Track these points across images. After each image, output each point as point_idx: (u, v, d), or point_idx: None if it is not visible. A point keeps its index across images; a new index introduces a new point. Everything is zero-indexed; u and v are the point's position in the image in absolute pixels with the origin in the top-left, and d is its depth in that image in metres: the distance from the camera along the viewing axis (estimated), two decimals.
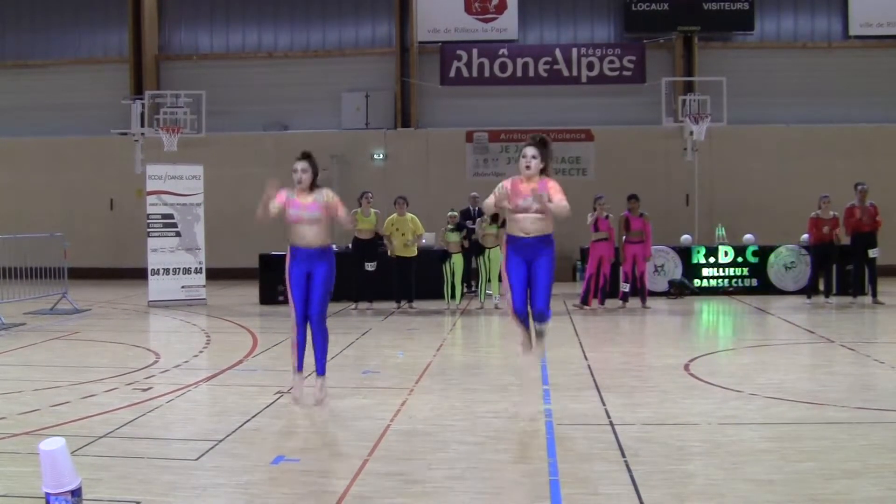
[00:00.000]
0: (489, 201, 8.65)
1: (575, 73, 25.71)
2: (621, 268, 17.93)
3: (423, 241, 18.14)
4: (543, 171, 8.68)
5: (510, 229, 8.56)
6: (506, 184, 8.59)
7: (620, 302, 17.95)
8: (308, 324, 9.16)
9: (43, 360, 12.02)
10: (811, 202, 18.74)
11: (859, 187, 17.95)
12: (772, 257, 20.12)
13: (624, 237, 17.83)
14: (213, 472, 6.66)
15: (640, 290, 17.88)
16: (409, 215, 17.69)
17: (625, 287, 17.95)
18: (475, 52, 25.87)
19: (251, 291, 19.89)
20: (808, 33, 25.97)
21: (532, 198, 8.29)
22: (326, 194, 9.27)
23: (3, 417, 8.37)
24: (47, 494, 5.36)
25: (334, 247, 9.69)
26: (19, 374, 10.87)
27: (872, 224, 17.78)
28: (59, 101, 26.76)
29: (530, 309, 8.68)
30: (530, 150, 8.71)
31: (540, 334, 8.59)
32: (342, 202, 9.47)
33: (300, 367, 9.10)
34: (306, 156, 9.43)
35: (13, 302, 16.53)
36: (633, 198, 17.80)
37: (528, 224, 8.42)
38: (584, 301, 17.63)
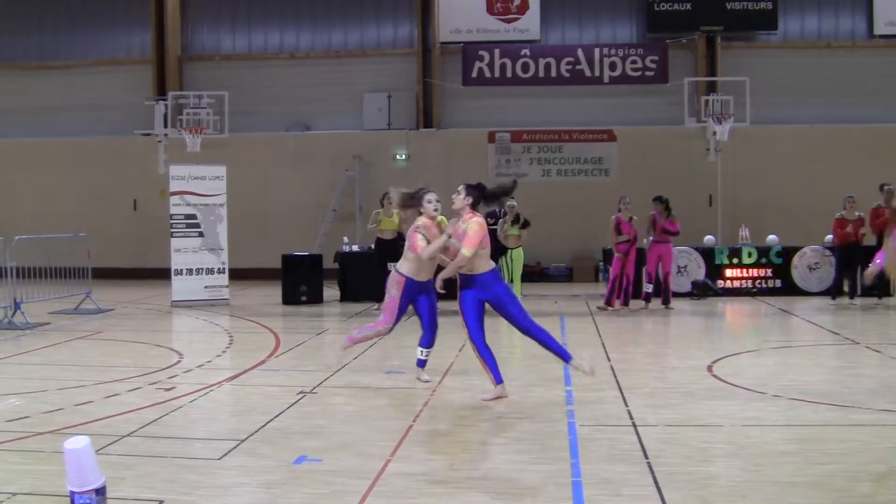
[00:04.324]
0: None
1: (597, 73, 25.65)
2: (644, 268, 17.88)
3: None
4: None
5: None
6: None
7: (643, 303, 17.89)
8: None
9: (67, 360, 12.10)
10: (835, 203, 18.64)
11: (885, 188, 17.82)
12: (795, 258, 20.01)
13: (651, 237, 17.77)
14: (235, 472, 6.68)
15: (663, 291, 17.80)
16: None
17: (648, 287, 17.88)
18: (497, 52, 25.85)
19: (274, 292, 19.94)
20: (833, 33, 25.83)
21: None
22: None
23: (27, 416, 8.42)
24: (72, 493, 5.39)
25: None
26: (44, 373, 10.94)
27: None
28: (82, 102, 26.95)
29: None
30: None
31: None
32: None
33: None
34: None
35: (38, 301, 16.63)
36: (657, 199, 17.68)
37: None
38: (608, 302, 17.56)
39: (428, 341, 10.34)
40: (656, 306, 17.71)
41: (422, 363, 10.34)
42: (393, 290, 10.14)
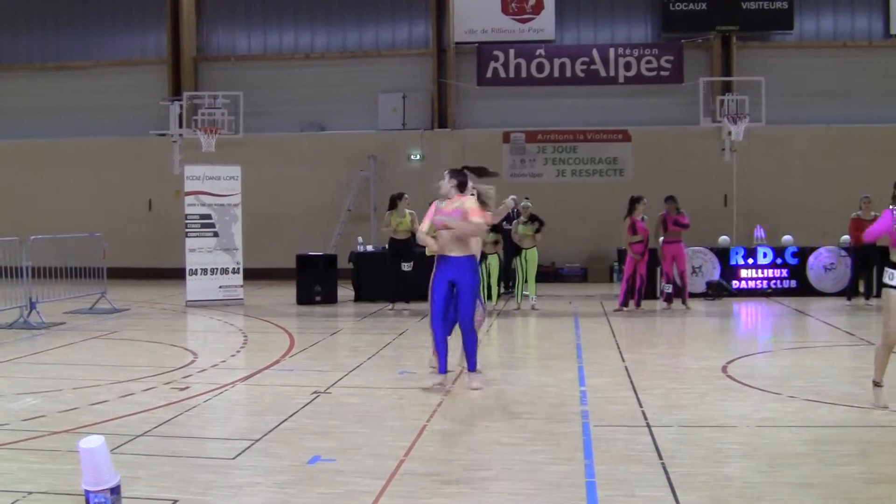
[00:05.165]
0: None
1: (612, 73, 25.58)
2: (660, 268, 17.81)
3: None
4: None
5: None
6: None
7: (665, 304, 17.83)
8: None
9: (82, 359, 12.15)
10: (851, 203, 18.56)
11: None
12: (811, 258, 19.94)
13: (662, 238, 17.74)
14: (249, 472, 6.69)
15: (680, 291, 17.76)
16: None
17: (667, 288, 17.83)
18: (512, 52, 25.81)
19: (288, 292, 19.97)
20: (848, 32, 25.70)
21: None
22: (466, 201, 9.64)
23: (43, 415, 8.45)
24: (87, 492, 5.41)
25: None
26: (59, 372, 10.98)
27: None
28: (98, 103, 27.03)
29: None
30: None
31: None
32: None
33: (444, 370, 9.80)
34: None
35: (53, 301, 16.70)
36: (670, 199, 17.73)
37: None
38: (624, 303, 17.49)
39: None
40: (676, 306, 17.67)
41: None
42: None
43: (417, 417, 8.35)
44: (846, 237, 19.09)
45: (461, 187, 9.68)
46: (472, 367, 9.76)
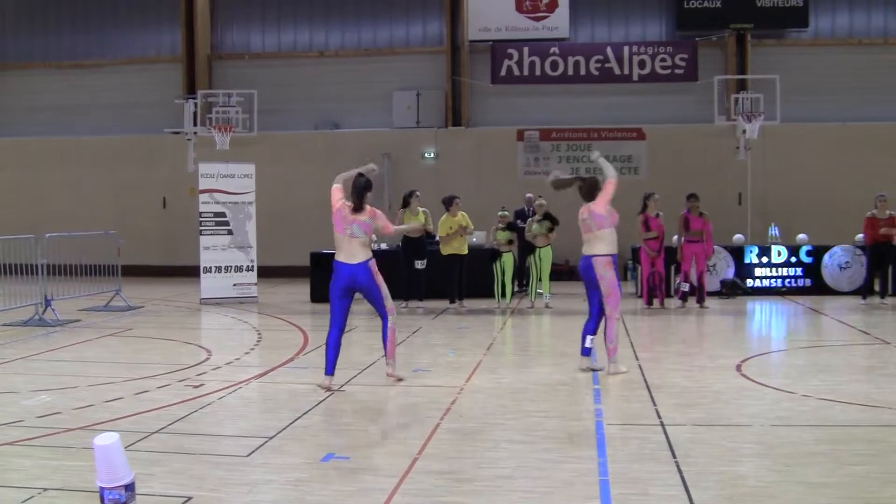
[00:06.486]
0: None
1: (626, 71, 25.51)
2: (681, 267, 17.75)
3: (475, 238, 18.11)
4: None
5: None
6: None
7: (679, 301, 17.78)
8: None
9: (97, 357, 12.19)
10: (866, 201, 18.46)
11: None
12: (826, 257, 19.86)
13: (683, 237, 17.66)
14: (263, 469, 6.71)
15: (698, 290, 17.70)
16: (460, 214, 17.64)
17: (684, 286, 17.76)
18: (526, 50, 25.76)
19: (302, 289, 20.00)
20: (864, 29, 25.57)
21: None
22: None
23: (58, 412, 8.49)
24: (101, 488, 5.42)
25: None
26: (74, 369, 11.02)
27: None
28: (113, 101, 27.11)
29: None
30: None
31: None
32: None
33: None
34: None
35: (68, 299, 16.76)
36: (692, 197, 17.64)
37: None
38: (661, 302, 17.49)
39: (594, 328, 10.68)
40: (690, 305, 17.61)
41: (587, 351, 10.71)
42: (608, 273, 10.41)
43: (431, 415, 8.35)
44: (861, 236, 18.96)
45: None
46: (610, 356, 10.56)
